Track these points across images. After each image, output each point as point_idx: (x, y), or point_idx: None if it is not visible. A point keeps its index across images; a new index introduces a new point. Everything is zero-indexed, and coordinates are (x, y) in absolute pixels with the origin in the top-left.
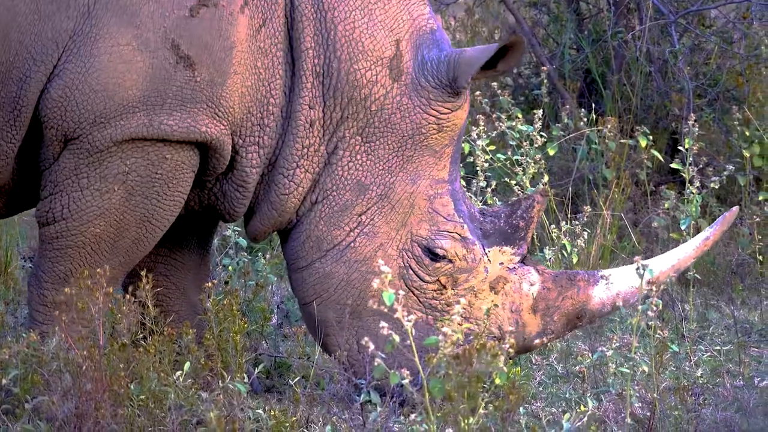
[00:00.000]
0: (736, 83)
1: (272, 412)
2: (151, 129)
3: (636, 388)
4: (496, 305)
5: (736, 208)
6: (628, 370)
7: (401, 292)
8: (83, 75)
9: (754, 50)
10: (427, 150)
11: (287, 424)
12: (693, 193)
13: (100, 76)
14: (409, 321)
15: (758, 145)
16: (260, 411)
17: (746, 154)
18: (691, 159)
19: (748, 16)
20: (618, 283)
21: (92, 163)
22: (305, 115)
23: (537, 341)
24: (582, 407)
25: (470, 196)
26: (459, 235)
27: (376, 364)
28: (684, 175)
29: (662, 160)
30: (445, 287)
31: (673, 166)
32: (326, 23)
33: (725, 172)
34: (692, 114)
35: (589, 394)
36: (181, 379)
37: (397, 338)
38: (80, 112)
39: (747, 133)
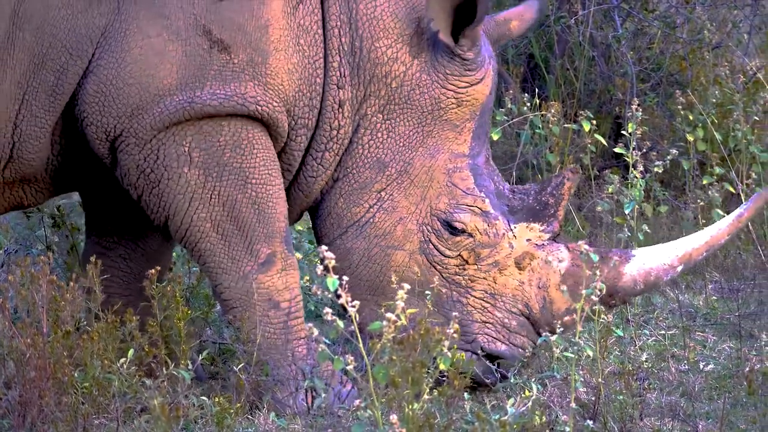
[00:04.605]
0: (680, 68)
1: (217, 399)
2: (193, 111)
3: (581, 372)
4: (522, 282)
5: None
6: (572, 355)
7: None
8: (116, 70)
9: (697, 35)
10: (447, 124)
11: (231, 411)
12: (637, 178)
13: (133, 69)
14: (353, 307)
15: (702, 129)
16: (204, 398)
17: (690, 138)
18: (634, 143)
19: (690, 1)
20: (650, 261)
21: (149, 156)
22: (333, 96)
23: (567, 318)
24: (526, 392)
25: None
26: (479, 209)
27: (320, 349)
28: (627, 159)
29: (606, 144)
30: (467, 262)
31: (617, 150)
32: (349, 2)
33: (669, 157)
34: (635, 98)
35: (533, 379)
36: (125, 367)
37: (341, 324)
38: (117, 106)
39: (690, 118)
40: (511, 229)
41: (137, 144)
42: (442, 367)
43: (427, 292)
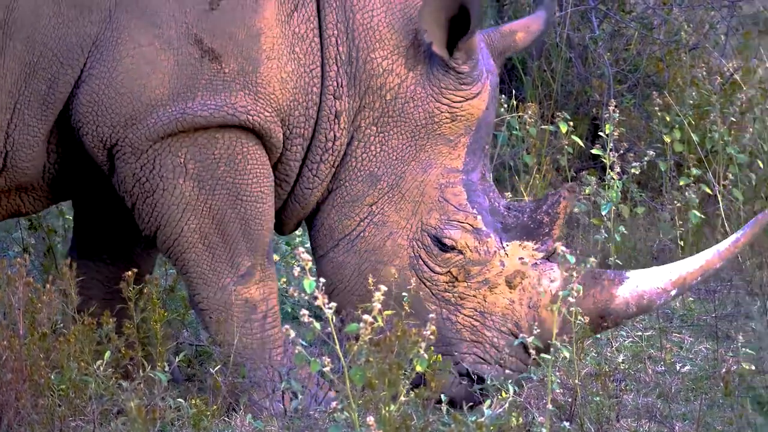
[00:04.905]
0: (657, 69)
1: (193, 401)
2: (185, 122)
3: (557, 374)
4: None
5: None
6: (549, 356)
7: (319, 280)
8: (108, 80)
9: (674, 36)
10: (441, 139)
11: (208, 413)
12: (613, 179)
13: (125, 79)
14: (330, 308)
15: (678, 131)
16: (181, 400)
17: (667, 139)
18: (611, 145)
19: (668, 2)
20: (643, 283)
21: (145, 166)
22: (329, 106)
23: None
24: (503, 394)
25: None
26: (471, 225)
27: (296, 351)
28: (604, 160)
29: (583, 145)
30: (457, 279)
31: (594, 151)
32: (345, 11)
33: (646, 158)
34: (612, 100)
35: (510, 381)
36: (101, 369)
37: (318, 326)
38: (111, 116)
39: (667, 119)
40: (503, 247)
41: (134, 153)
42: (418, 368)
43: (404, 294)
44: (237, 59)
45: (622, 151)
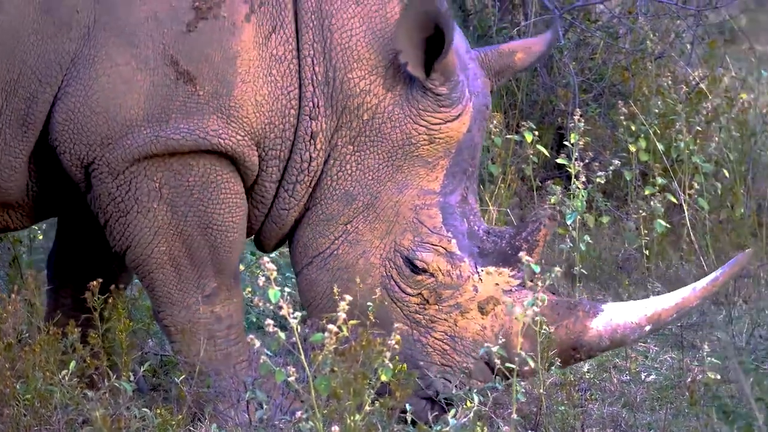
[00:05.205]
0: (622, 78)
1: (158, 411)
2: (158, 145)
3: (522, 383)
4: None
5: (750, 251)
6: (514, 366)
7: (285, 293)
8: (84, 98)
9: (640, 45)
10: (419, 160)
11: (173, 423)
12: (579, 188)
13: (100, 98)
14: (294, 318)
15: (644, 140)
16: (146, 410)
17: (632, 148)
18: (576, 154)
19: (633, 11)
20: (617, 317)
21: (121, 186)
22: (305, 127)
23: (526, 368)
24: (468, 403)
25: None
26: (444, 249)
27: (261, 361)
28: (570, 170)
29: (548, 155)
30: (428, 302)
31: (559, 161)
32: (323, 31)
33: (611, 167)
34: (578, 109)
35: (474, 390)
36: (66, 378)
37: (283, 336)
38: (87, 135)
39: (633, 128)
40: (477, 272)
41: (110, 174)
42: (383, 378)
43: (369, 303)
44: (212, 82)
45: (587, 161)
